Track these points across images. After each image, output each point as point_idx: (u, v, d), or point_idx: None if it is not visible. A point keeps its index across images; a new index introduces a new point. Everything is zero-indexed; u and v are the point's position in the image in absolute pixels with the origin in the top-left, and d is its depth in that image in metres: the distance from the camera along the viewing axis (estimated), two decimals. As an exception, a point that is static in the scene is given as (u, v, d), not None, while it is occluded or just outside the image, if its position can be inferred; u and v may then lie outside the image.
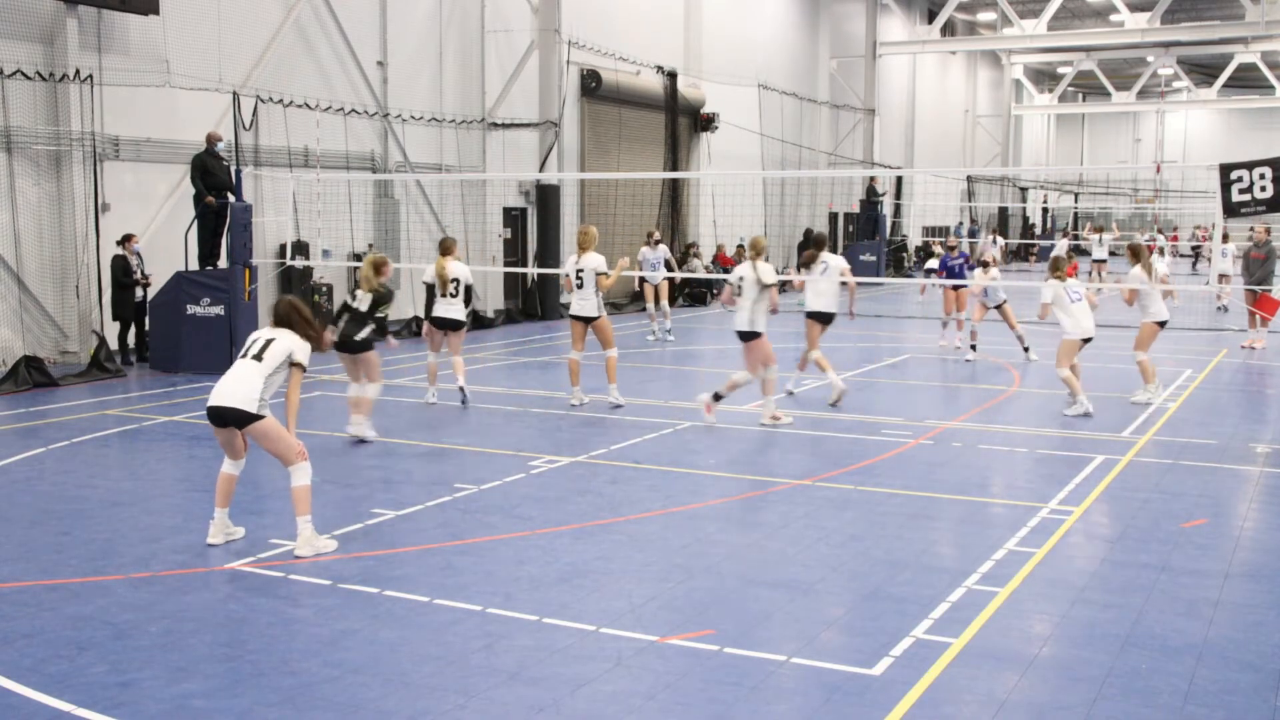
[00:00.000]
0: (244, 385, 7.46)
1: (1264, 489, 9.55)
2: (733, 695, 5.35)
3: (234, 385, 7.47)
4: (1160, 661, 5.80)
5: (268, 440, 7.50)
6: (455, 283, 13.32)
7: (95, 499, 8.88)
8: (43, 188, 15.60)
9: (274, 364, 7.55)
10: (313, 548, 7.48)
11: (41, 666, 5.63)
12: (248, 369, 7.53)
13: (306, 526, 7.51)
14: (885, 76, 42.10)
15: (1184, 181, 58.00)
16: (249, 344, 7.73)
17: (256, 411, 7.41)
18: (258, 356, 7.58)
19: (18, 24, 15.11)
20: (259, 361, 7.55)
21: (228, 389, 7.46)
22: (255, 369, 7.52)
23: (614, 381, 13.02)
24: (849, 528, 8.23)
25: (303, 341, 7.70)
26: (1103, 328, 20.42)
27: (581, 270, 12.80)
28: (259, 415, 7.42)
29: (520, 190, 24.66)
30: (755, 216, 30.73)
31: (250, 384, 7.46)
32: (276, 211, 18.42)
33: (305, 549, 7.46)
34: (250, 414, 7.40)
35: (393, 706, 5.21)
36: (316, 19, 19.67)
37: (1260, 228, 20.81)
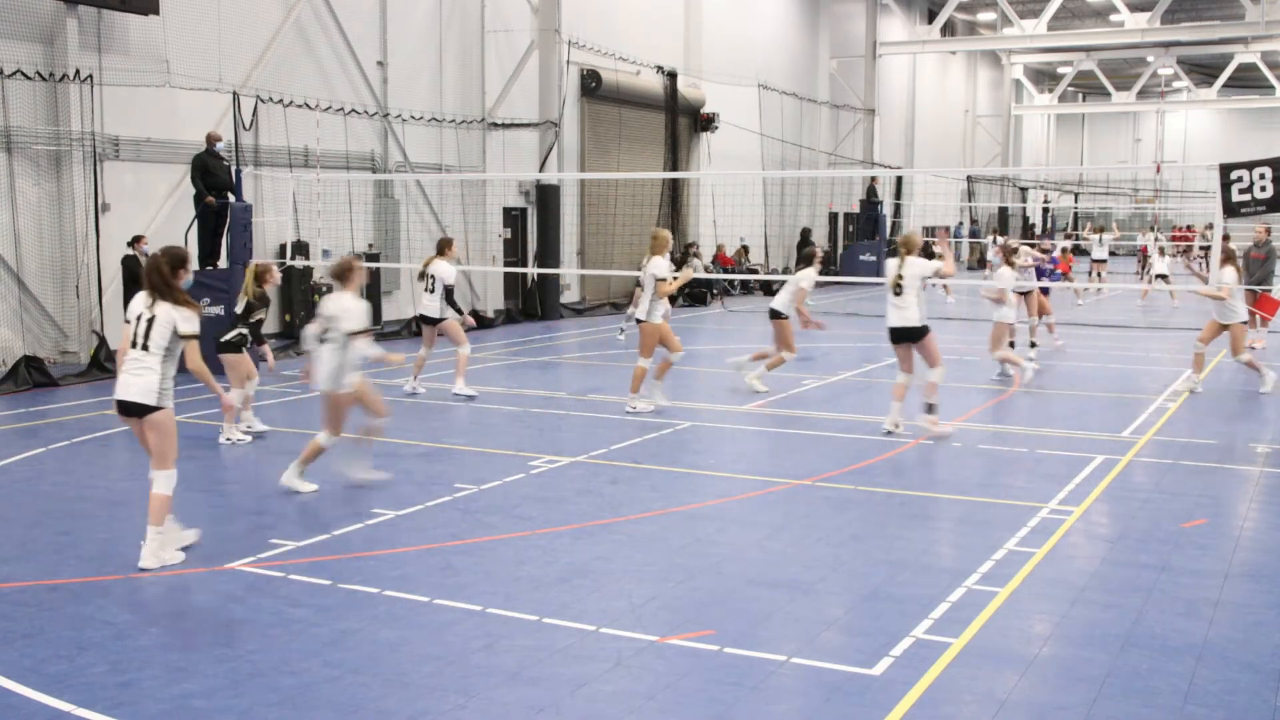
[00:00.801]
0: (142, 377, 7.18)
1: (1264, 489, 9.55)
2: (733, 695, 5.35)
3: (132, 378, 7.20)
4: (1160, 661, 5.79)
5: (157, 434, 7.23)
6: (432, 279, 13.57)
7: (95, 499, 8.88)
8: (43, 188, 15.60)
9: (162, 347, 7.22)
10: (158, 560, 7.16)
11: (41, 666, 5.63)
12: (141, 360, 7.22)
13: (156, 537, 7.19)
14: (885, 76, 42.10)
15: (1184, 181, 57.99)
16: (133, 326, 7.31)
17: (155, 403, 7.18)
18: (144, 346, 7.23)
19: (18, 24, 15.11)
20: (146, 351, 7.23)
21: (126, 381, 7.21)
22: (147, 359, 7.22)
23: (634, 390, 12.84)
24: (849, 528, 8.23)
25: (181, 309, 7.27)
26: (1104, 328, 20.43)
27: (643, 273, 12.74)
28: (158, 406, 7.19)
29: (520, 190, 24.66)
30: (755, 216, 30.74)
31: (148, 375, 7.18)
32: (276, 211, 18.42)
33: (151, 560, 7.13)
34: (148, 406, 7.18)
35: (393, 706, 5.21)
36: (316, 19, 19.67)
37: (1260, 227, 20.80)
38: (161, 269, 7.29)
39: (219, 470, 10.03)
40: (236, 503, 8.92)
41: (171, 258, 7.37)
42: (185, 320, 7.27)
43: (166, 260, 7.34)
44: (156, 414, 7.21)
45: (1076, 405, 13.43)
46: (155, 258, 7.37)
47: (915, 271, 11.27)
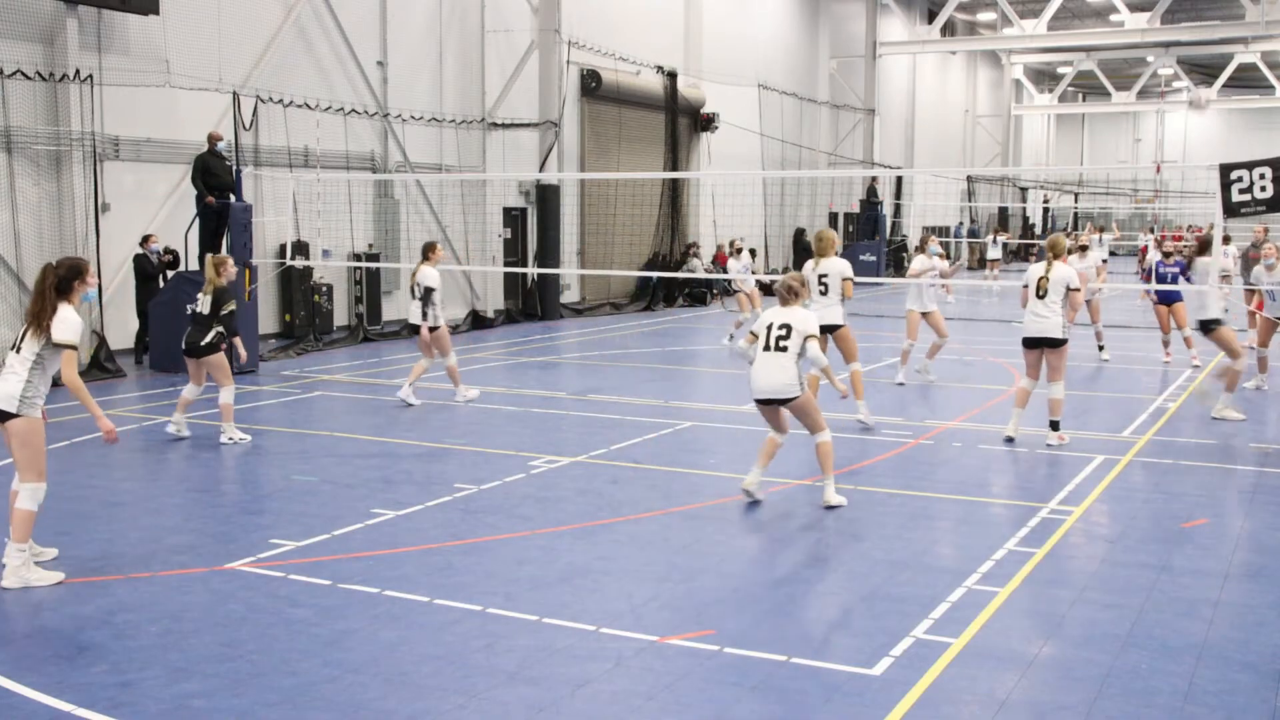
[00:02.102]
0: (6, 381, 6.83)
1: (1264, 489, 9.55)
2: (733, 695, 5.35)
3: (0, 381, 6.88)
4: (1160, 661, 5.79)
5: (16, 442, 6.81)
6: (416, 286, 13.31)
7: (95, 499, 8.87)
8: (43, 188, 15.59)
9: (32, 351, 6.85)
10: (20, 579, 6.73)
11: (41, 666, 5.63)
12: (10, 362, 6.89)
13: (17, 555, 6.77)
14: (885, 76, 42.09)
15: (1184, 181, 57.98)
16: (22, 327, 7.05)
17: (15, 410, 6.78)
18: (17, 347, 6.92)
19: (18, 24, 15.11)
20: (18, 353, 6.90)
21: None
22: (15, 361, 6.87)
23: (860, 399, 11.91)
24: (849, 528, 8.23)
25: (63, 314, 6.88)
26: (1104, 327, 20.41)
27: (825, 275, 11.69)
28: (14, 414, 6.78)
29: (520, 190, 24.66)
30: (755, 216, 30.73)
31: (12, 380, 6.82)
32: (276, 211, 18.42)
33: (12, 579, 6.71)
34: (5, 413, 6.79)
35: (393, 706, 5.21)
36: (316, 19, 19.67)
37: (1259, 227, 20.81)
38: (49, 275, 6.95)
39: (219, 470, 10.03)
40: (236, 503, 8.92)
41: (67, 269, 7.01)
42: (63, 328, 6.87)
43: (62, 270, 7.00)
44: (15, 422, 6.79)
45: (1076, 405, 13.42)
46: (47, 267, 7.03)
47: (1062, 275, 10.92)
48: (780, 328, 8.65)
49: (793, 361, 8.57)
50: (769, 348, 8.62)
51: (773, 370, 8.57)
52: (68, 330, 6.90)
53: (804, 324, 8.63)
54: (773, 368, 8.56)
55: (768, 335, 8.67)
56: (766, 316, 8.80)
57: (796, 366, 8.58)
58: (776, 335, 8.63)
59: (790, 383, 8.57)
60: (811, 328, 8.63)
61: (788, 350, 8.57)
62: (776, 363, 8.56)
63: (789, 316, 8.68)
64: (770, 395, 8.62)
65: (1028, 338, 11.10)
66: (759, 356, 8.68)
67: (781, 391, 8.58)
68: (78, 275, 7.06)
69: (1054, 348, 10.97)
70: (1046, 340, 10.95)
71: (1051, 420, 11.15)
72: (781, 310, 8.77)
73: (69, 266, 7.06)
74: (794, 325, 8.60)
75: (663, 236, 27.24)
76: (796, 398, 8.60)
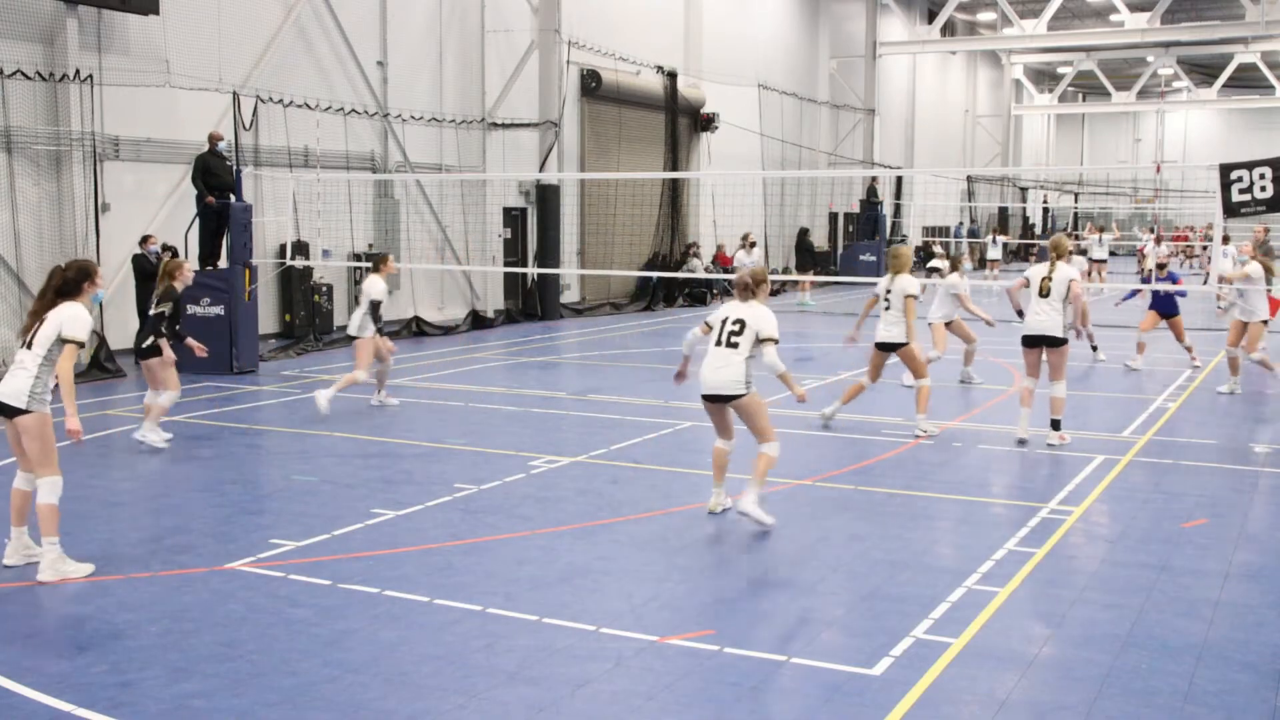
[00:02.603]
0: (16, 377, 6.99)
1: (1264, 489, 9.55)
2: (733, 695, 5.35)
3: (8, 377, 7.03)
4: (1160, 661, 5.79)
5: (28, 439, 6.99)
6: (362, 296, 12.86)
7: (95, 499, 8.87)
8: (43, 188, 15.59)
9: (44, 348, 7.02)
10: (58, 572, 6.94)
11: (41, 666, 5.63)
12: (22, 358, 7.05)
13: (53, 549, 6.97)
14: (885, 76, 42.09)
15: (1184, 181, 57.98)
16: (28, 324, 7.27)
17: (25, 406, 6.93)
18: (28, 345, 7.07)
19: (18, 24, 15.10)
20: (29, 350, 7.05)
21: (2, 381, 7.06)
22: (28, 357, 7.03)
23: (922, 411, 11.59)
24: (849, 528, 8.22)
25: (74, 311, 7.08)
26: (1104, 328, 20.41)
27: (890, 292, 11.62)
28: (24, 410, 6.94)
29: (520, 190, 24.66)
30: (755, 216, 30.74)
31: (22, 376, 6.98)
32: (276, 211, 18.42)
33: (48, 573, 6.92)
34: (15, 408, 6.94)
35: (393, 706, 5.21)
36: (316, 19, 19.66)
37: (1259, 228, 20.79)
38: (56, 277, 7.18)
39: (219, 470, 10.03)
40: (236, 503, 8.91)
41: (77, 270, 7.23)
42: (73, 323, 7.04)
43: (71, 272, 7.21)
44: (26, 418, 6.96)
45: (1076, 405, 13.41)
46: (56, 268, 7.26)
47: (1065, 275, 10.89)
48: (734, 323, 8.26)
49: (742, 359, 8.17)
50: (720, 342, 8.26)
51: (719, 365, 8.21)
52: (78, 327, 7.08)
53: (760, 324, 8.21)
54: (720, 363, 8.20)
55: (721, 329, 8.29)
56: (724, 310, 8.42)
57: (745, 365, 8.18)
58: (729, 331, 8.24)
59: (736, 380, 8.17)
60: (768, 330, 8.19)
61: (738, 347, 8.19)
62: (725, 358, 8.19)
63: (745, 312, 8.29)
64: (715, 391, 8.23)
65: (1027, 336, 11.06)
66: (710, 350, 8.33)
67: (725, 388, 8.18)
68: (87, 277, 7.28)
69: (1054, 347, 10.94)
70: (1046, 339, 10.92)
71: (1053, 419, 11.14)
72: (739, 305, 8.37)
73: (79, 268, 7.27)
74: (748, 322, 8.21)
75: (663, 236, 27.23)
76: (741, 396, 8.19)
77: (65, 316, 7.06)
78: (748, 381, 8.21)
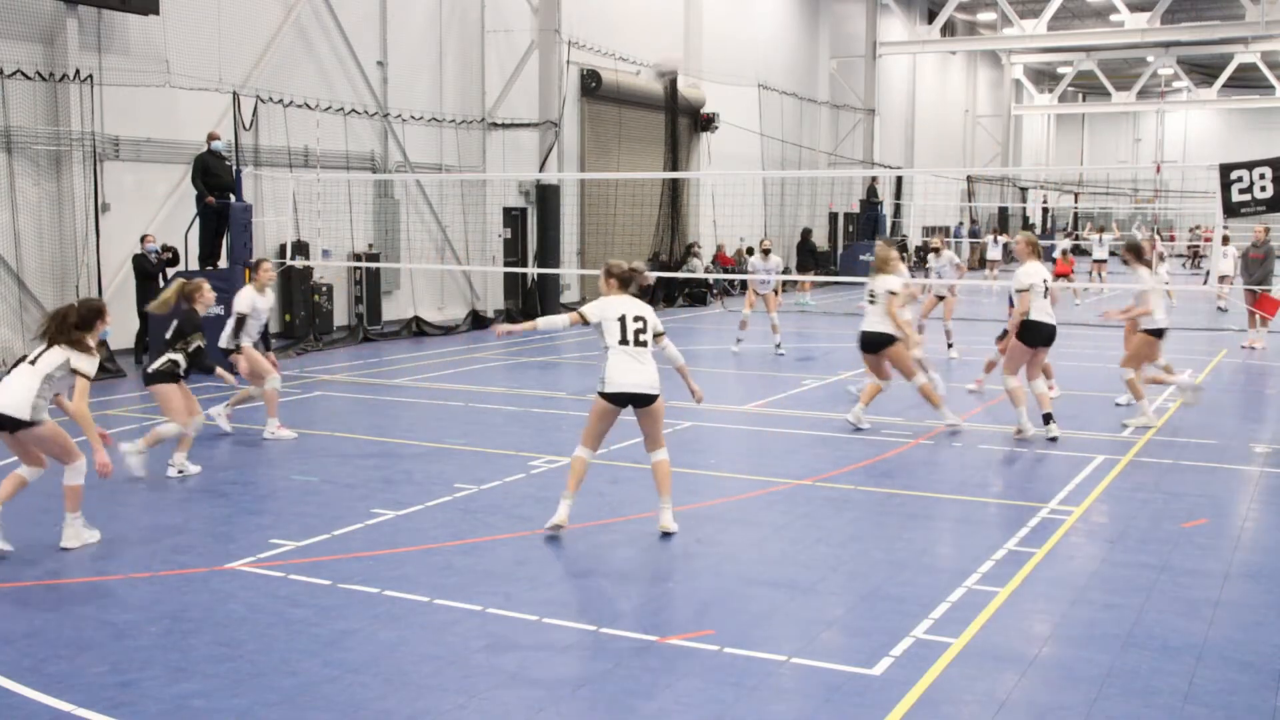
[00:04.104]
0: (16, 393, 7.33)
1: (1264, 489, 9.55)
2: (733, 695, 5.35)
3: (6, 392, 7.35)
4: (1160, 661, 5.79)
5: (44, 445, 7.50)
6: None
7: (95, 499, 8.86)
8: (43, 188, 15.59)
9: (49, 369, 7.39)
10: (80, 539, 7.64)
11: (41, 666, 5.63)
12: (22, 374, 7.41)
13: (74, 522, 7.65)
14: (885, 76, 42.08)
15: (1184, 181, 57.99)
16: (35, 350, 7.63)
17: (30, 419, 7.33)
18: (33, 361, 7.45)
19: (18, 24, 15.11)
20: (33, 365, 7.42)
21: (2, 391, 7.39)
22: (28, 372, 7.40)
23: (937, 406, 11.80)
24: (849, 528, 8.23)
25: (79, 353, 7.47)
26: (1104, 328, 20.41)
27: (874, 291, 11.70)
28: (32, 422, 7.35)
29: (520, 190, 24.66)
30: (755, 216, 30.74)
31: (22, 391, 7.33)
32: (276, 211, 18.42)
33: (73, 540, 7.61)
34: (21, 421, 7.33)
35: (393, 706, 5.21)
36: (316, 19, 19.66)
37: (1259, 228, 20.80)
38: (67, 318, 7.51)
39: (219, 470, 10.02)
40: (236, 503, 8.92)
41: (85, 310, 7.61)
42: (81, 359, 7.46)
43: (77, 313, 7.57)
44: (36, 429, 7.39)
45: (1076, 405, 13.42)
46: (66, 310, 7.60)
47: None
48: (636, 319, 7.81)
49: (651, 357, 7.82)
50: (628, 341, 7.76)
51: (638, 365, 7.73)
52: (90, 364, 7.53)
53: (655, 319, 7.94)
54: (637, 364, 7.73)
55: (623, 328, 7.78)
56: (617, 306, 7.87)
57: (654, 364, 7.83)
58: (635, 329, 7.78)
59: (655, 379, 7.78)
60: (660, 324, 7.93)
61: (647, 346, 7.80)
62: (642, 357, 7.75)
63: (642, 309, 7.89)
64: (641, 390, 7.70)
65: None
66: (616, 350, 7.76)
67: (650, 387, 7.74)
68: (99, 316, 7.70)
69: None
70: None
71: (1045, 414, 11.26)
72: (634, 301, 7.93)
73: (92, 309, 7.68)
74: (648, 319, 7.85)
75: (663, 236, 27.23)
76: (658, 397, 7.83)
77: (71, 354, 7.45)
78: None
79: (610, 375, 7.76)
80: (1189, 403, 12.51)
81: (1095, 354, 18.01)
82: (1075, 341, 19.50)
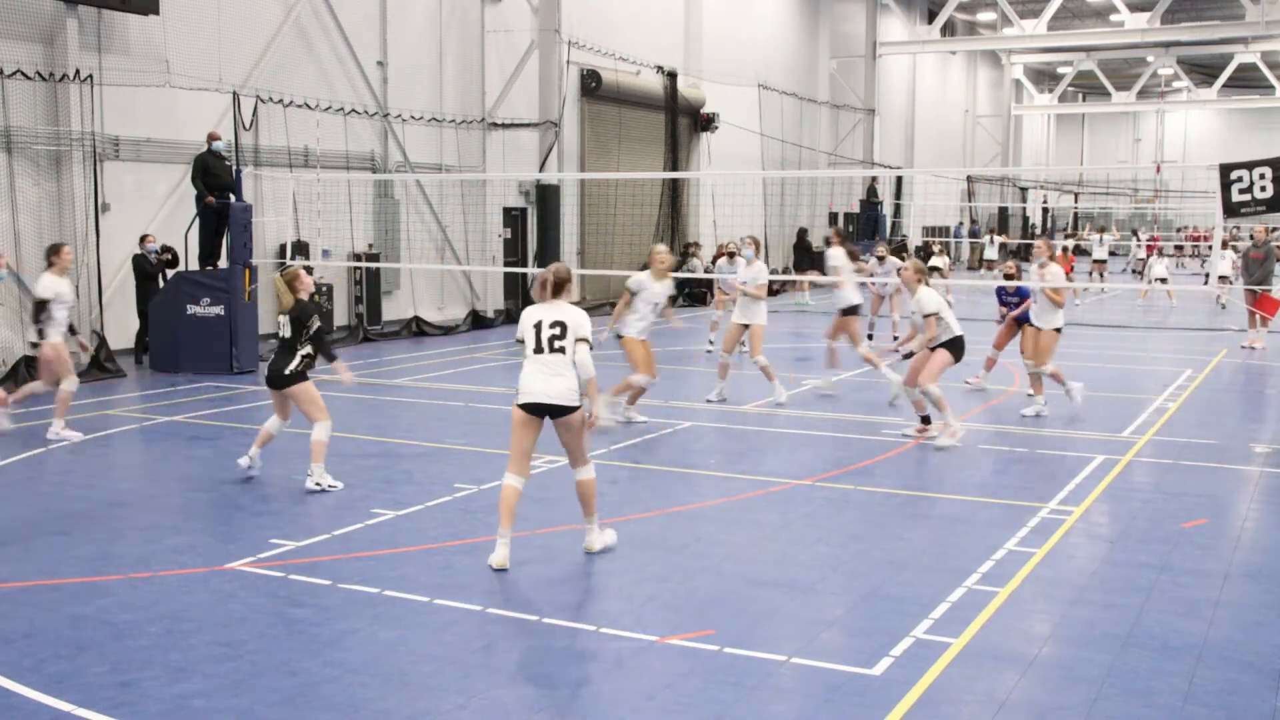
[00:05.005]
0: None
1: (1264, 489, 9.55)
2: (733, 695, 5.35)
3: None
4: (1160, 661, 5.79)
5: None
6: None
7: (95, 499, 8.87)
8: (43, 188, 15.59)
9: None
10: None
11: (41, 666, 5.62)
12: None
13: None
14: (885, 76, 42.09)
15: (1184, 181, 57.98)
16: None
17: None
18: None
19: (18, 24, 15.10)
20: None
21: None
22: None
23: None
24: (849, 528, 8.23)
25: None
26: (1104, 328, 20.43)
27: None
28: None
29: (520, 190, 24.66)
30: (755, 216, 30.75)
31: None
32: (276, 211, 18.41)
33: None
34: None
35: (393, 706, 5.21)
36: (316, 19, 19.66)
37: (1259, 228, 20.80)
38: None
39: (219, 470, 10.02)
40: (236, 503, 8.91)
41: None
42: None
43: None
44: None
45: (1076, 405, 13.41)
46: None
47: None
48: (553, 325, 7.36)
49: (570, 366, 7.34)
50: (541, 349, 7.34)
51: (550, 374, 7.29)
52: None
53: (579, 325, 7.39)
54: (550, 371, 7.29)
55: (538, 335, 7.37)
56: (533, 314, 7.48)
57: (575, 373, 7.36)
58: (550, 335, 7.35)
59: (571, 389, 7.29)
60: (586, 330, 7.38)
61: (564, 352, 7.32)
62: (555, 365, 7.30)
63: (563, 314, 7.41)
64: (550, 401, 7.25)
65: None
66: (529, 359, 7.39)
67: (562, 398, 7.26)
68: None
69: None
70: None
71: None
72: (552, 307, 7.45)
73: None
74: (569, 325, 7.36)
75: (663, 236, 27.22)
76: (577, 408, 7.33)
77: None
78: (581, 393, 7.37)
79: (521, 384, 7.40)
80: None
81: (1096, 354, 18.00)
82: (1076, 341, 19.50)
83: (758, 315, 13.39)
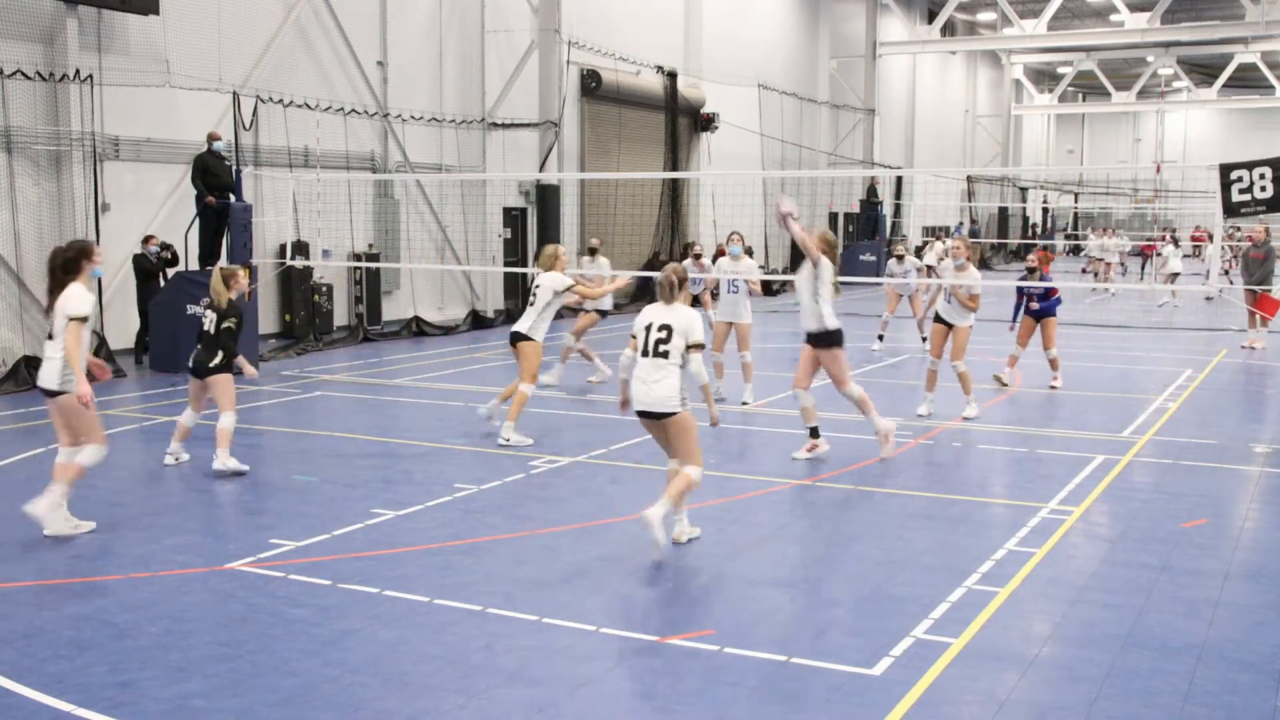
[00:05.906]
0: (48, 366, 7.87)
1: (1264, 489, 9.55)
2: (733, 695, 5.35)
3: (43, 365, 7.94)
4: (1160, 661, 5.79)
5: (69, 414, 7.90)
6: None
7: (95, 499, 8.87)
8: (43, 188, 15.59)
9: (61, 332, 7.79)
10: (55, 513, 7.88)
11: (41, 666, 5.62)
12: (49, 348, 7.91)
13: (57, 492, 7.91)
14: (885, 76, 42.09)
15: (1184, 181, 57.99)
16: None
17: (59, 388, 7.82)
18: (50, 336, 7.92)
19: (18, 24, 15.10)
20: (51, 340, 7.91)
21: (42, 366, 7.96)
22: (52, 347, 7.88)
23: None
24: (849, 528, 8.22)
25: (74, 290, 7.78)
26: (1104, 328, 20.42)
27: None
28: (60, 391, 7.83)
29: (520, 190, 24.66)
30: (755, 216, 30.74)
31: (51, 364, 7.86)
32: (276, 211, 18.42)
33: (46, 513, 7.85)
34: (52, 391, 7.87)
35: (393, 706, 5.21)
36: (316, 19, 19.66)
37: (1259, 228, 20.80)
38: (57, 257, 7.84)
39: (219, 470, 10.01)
40: (236, 503, 8.92)
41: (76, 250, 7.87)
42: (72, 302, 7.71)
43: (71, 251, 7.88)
44: (64, 398, 7.83)
45: (1076, 405, 13.42)
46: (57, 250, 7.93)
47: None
48: (660, 329, 7.46)
49: (676, 370, 7.42)
50: (647, 353, 7.46)
51: (651, 380, 7.43)
52: (79, 304, 7.71)
53: (688, 329, 7.46)
54: (651, 376, 7.42)
55: (646, 337, 7.49)
56: (644, 316, 7.60)
57: (679, 377, 7.44)
58: (656, 339, 7.45)
59: (670, 395, 7.40)
60: (696, 334, 7.45)
61: (668, 356, 7.39)
62: (656, 371, 7.41)
63: (669, 317, 7.51)
64: (648, 409, 7.44)
65: None
66: (638, 363, 7.52)
67: (659, 404, 7.40)
68: (86, 255, 7.90)
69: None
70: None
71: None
72: (662, 309, 7.57)
73: (78, 248, 7.91)
74: (675, 328, 7.44)
75: (663, 236, 27.23)
76: (675, 414, 7.43)
77: (67, 297, 7.72)
78: (683, 398, 7.50)
79: (631, 390, 7.61)
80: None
81: (1096, 354, 18.00)
82: (1076, 341, 19.51)
83: (743, 314, 13.37)
